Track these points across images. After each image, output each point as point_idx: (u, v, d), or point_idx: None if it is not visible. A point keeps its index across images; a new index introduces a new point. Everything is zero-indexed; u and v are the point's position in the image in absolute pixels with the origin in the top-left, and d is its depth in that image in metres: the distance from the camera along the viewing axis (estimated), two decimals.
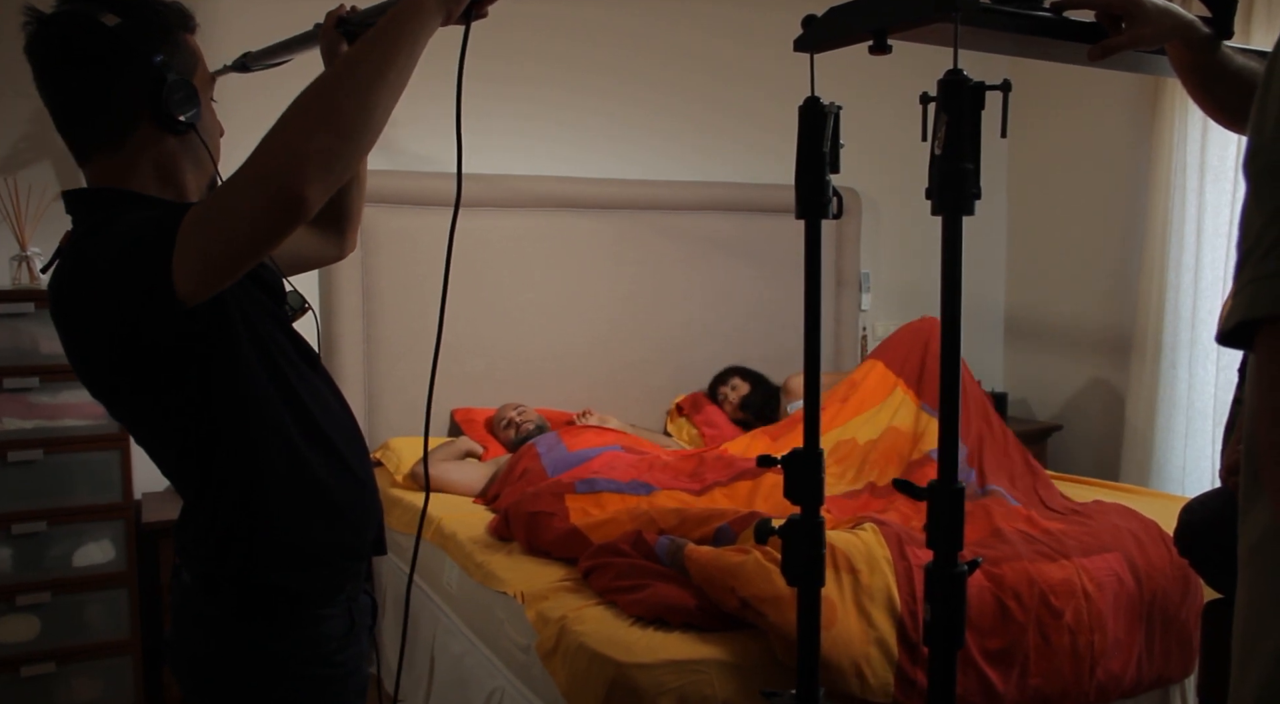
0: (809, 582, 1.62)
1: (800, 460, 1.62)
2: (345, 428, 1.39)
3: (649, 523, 2.45)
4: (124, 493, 2.91)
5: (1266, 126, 0.64)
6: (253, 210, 1.07)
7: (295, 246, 1.57)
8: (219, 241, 1.09)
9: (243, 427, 1.26)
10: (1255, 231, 0.65)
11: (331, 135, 1.07)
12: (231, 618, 1.31)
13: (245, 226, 1.08)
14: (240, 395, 1.25)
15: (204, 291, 1.13)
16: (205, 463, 1.27)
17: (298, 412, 1.31)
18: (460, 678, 2.55)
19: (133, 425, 1.32)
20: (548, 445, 3.11)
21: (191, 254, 1.10)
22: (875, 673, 1.98)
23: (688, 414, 3.83)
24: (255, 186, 1.07)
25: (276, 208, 1.06)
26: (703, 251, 3.95)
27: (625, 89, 3.87)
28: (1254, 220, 0.65)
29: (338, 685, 1.35)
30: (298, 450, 1.30)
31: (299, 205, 1.06)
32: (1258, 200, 0.65)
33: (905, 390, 3.44)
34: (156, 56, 1.23)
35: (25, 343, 2.80)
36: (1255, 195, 0.66)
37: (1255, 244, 0.65)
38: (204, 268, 1.11)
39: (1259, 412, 0.67)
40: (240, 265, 1.13)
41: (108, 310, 1.16)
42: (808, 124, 1.55)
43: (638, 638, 1.98)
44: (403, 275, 3.45)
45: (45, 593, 2.82)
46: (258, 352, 1.27)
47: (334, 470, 1.34)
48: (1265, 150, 0.65)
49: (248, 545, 1.29)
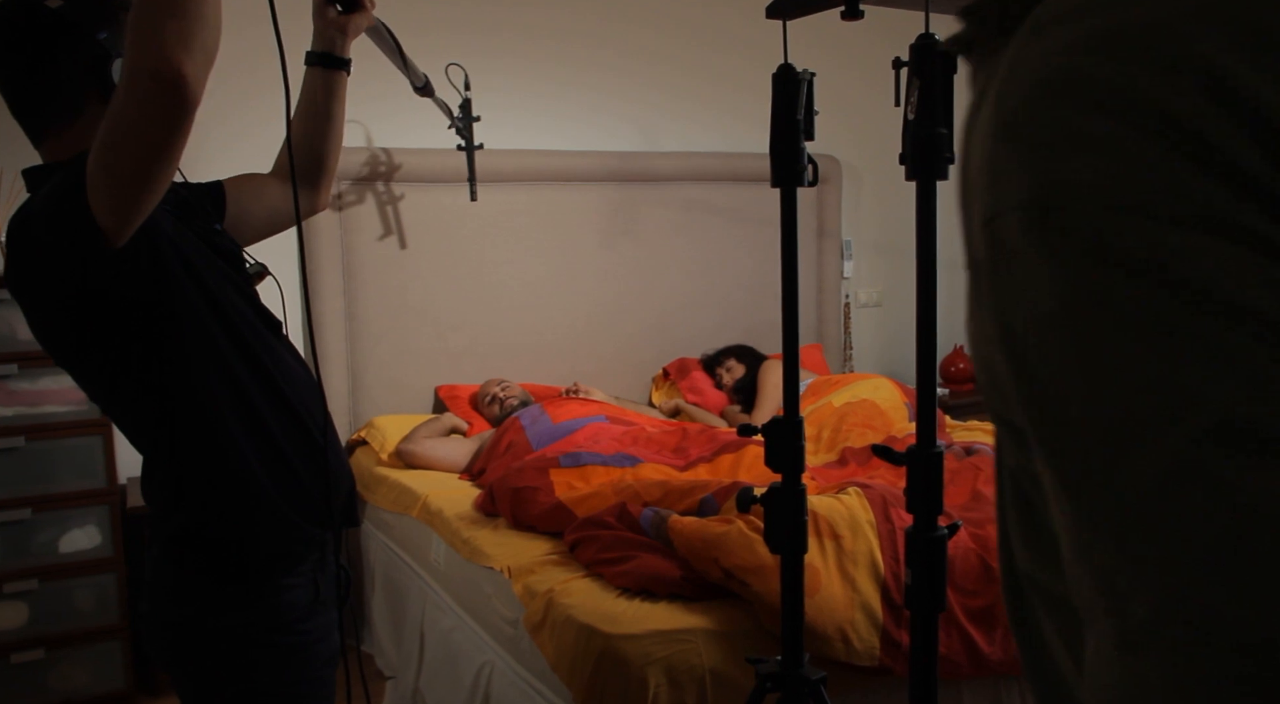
0: (792, 549, 1.63)
1: (780, 428, 1.63)
2: (307, 395, 1.42)
3: (633, 496, 2.46)
4: (108, 478, 2.90)
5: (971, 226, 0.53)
6: (140, 108, 1.10)
7: (269, 201, 1.59)
8: (122, 157, 1.12)
9: (200, 385, 1.30)
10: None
11: (177, 18, 1.09)
12: (195, 587, 1.35)
13: (139, 129, 1.11)
14: (194, 353, 1.29)
15: (123, 221, 1.16)
16: (164, 421, 1.31)
17: (257, 374, 1.35)
18: (450, 653, 2.56)
19: (98, 392, 1.36)
20: (532, 418, 3.11)
21: (100, 184, 1.14)
22: (860, 637, 2.00)
23: (674, 380, 3.83)
24: (133, 86, 1.10)
25: (159, 92, 1.09)
26: (687, 222, 3.93)
27: (606, 59, 3.84)
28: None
29: (304, 653, 1.38)
30: (257, 412, 1.34)
31: (179, 82, 1.08)
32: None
33: (894, 383, 3.52)
34: (101, 33, 1.26)
35: (3, 329, 2.78)
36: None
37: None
38: (114, 191, 1.14)
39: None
40: (149, 178, 1.14)
41: (51, 269, 1.21)
42: (781, 91, 1.55)
43: (624, 609, 1.99)
44: (382, 253, 3.43)
45: (33, 580, 2.82)
46: (215, 313, 1.31)
47: (294, 434, 1.38)
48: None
49: (204, 503, 1.33)
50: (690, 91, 4.00)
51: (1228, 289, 0.41)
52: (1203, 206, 0.42)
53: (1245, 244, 0.41)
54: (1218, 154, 0.41)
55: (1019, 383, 0.48)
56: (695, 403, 3.67)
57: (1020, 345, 0.47)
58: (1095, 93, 0.44)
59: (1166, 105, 0.42)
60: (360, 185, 3.38)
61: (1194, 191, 0.42)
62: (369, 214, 3.41)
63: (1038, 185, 0.45)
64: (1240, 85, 0.42)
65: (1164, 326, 0.42)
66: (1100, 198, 0.43)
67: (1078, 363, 0.45)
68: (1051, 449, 0.47)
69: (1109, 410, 0.44)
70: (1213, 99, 0.42)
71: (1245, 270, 0.41)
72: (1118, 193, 0.43)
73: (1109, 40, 0.44)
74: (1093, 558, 0.45)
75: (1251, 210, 0.41)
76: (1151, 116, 0.42)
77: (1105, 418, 0.44)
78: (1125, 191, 0.43)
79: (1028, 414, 0.47)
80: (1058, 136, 0.44)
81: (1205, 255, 0.41)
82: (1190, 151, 0.42)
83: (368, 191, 3.41)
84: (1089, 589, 0.45)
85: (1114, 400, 0.44)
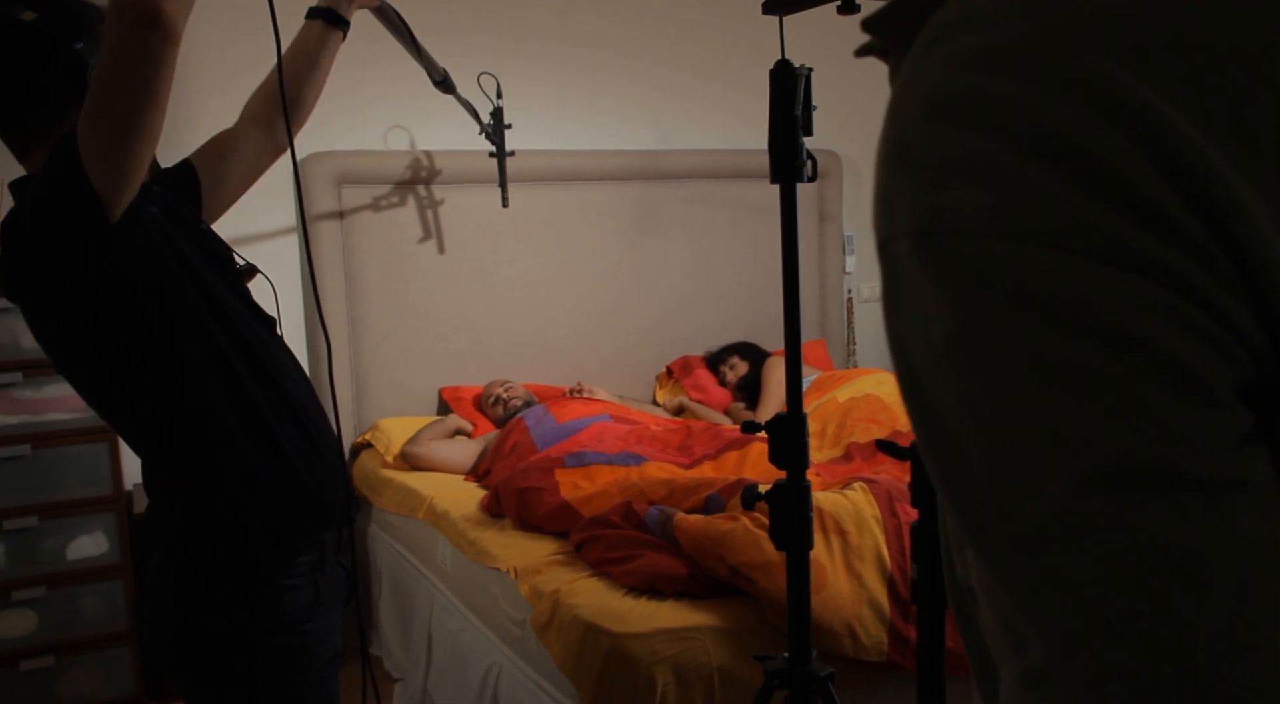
0: (797, 546, 1.63)
1: (784, 425, 1.62)
2: (304, 394, 1.44)
3: (639, 494, 2.45)
4: (114, 485, 2.91)
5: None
6: (122, 45, 1.13)
7: (242, 153, 1.58)
8: (111, 102, 1.15)
9: (198, 381, 1.31)
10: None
11: None
12: (194, 588, 1.36)
13: (124, 68, 1.13)
14: (192, 349, 1.31)
15: (119, 178, 1.18)
16: (163, 419, 1.33)
17: (255, 371, 1.36)
18: (458, 655, 2.56)
19: (96, 393, 1.37)
20: (536, 418, 3.11)
21: (93, 141, 1.16)
22: (868, 632, 2.00)
23: (677, 377, 3.83)
24: (115, 26, 1.13)
25: (139, 27, 1.11)
26: (688, 220, 3.93)
27: (604, 58, 3.84)
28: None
29: (305, 654, 1.39)
30: (257, 410, 1.36)
31: (157, 16, 1.11)
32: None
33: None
34: (77, 43, 1.28)
35: (6, 338, 2.79)
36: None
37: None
38: (107, 143, 1.16)
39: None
40: (139, 122, 1.16)
41: (48, 255, 1.23)
42: (779, 87, 1.55)
43: (631, 608, 1.99)
44: (383, 255, 3.44)
45: (40, 587, 2.82)
46: (211, 309, 1.33)
47: (292, 433, 1.39)
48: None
49: (202, 501, 1.35)
50: (694, 89, 3.99)
51: (1117, 321, 0.39)
52: (1094, 233, 0.39)
53: (1139, 273, 0.39)
54: (1112, 178, 0.39)
55: (913, 417, 0.46)
56: (699, 401, 3.67)
57: (912, 376, 0.45)
58: (983, 114, 0.41)
59: (1058, 127, 0.40)
60: (363, 188, 3.38)
61: (1084, 218, 0.39)
62: (371, 217, 3.42)
63: (925, 211, 0.42)
64: (1135, 103, 0.39)
65: (1046, 361, 0.40)
66: (987, 225, 0.41)
67: (963, 399, 0.43)
68: (946, 490, 0.45)
69: (996, 452, 0.42)
70: (1107, 119, 0.39)
71: (1138, 301, 0.39)
72: (1005, 220, 0.40)
73: (999, 58, 0.42)
74: (995, 599, 0.44)
75: (1148, 236, 0.39)
76: (1041, 139, 0.40)
77: (993, 460, 0.42)
78: (1013, 219, 0.40)
79: (924, 451, 0.45)
80: (945, 160, 0.42)
81: (1094, 285, 0.39)
82: (1082, 176, 0.39)
83: (370, 194, 3.41)
84: (996, 626, 0.45)
85: (1001, 441, 0.42)
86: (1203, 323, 0.39)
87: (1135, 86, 0.39)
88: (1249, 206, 0.39)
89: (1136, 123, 0.39)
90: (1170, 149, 0.39)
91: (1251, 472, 0.40)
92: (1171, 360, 0.39)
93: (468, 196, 3.52)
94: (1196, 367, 0.39)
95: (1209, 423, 0.39)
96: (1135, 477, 0.39)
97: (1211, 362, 0.39)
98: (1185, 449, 0.39)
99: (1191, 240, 0.39)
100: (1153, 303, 0.39)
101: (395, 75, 3.24)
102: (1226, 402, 0.39)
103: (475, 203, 3.53)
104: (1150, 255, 0.39)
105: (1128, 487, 0.39)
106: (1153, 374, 0.39)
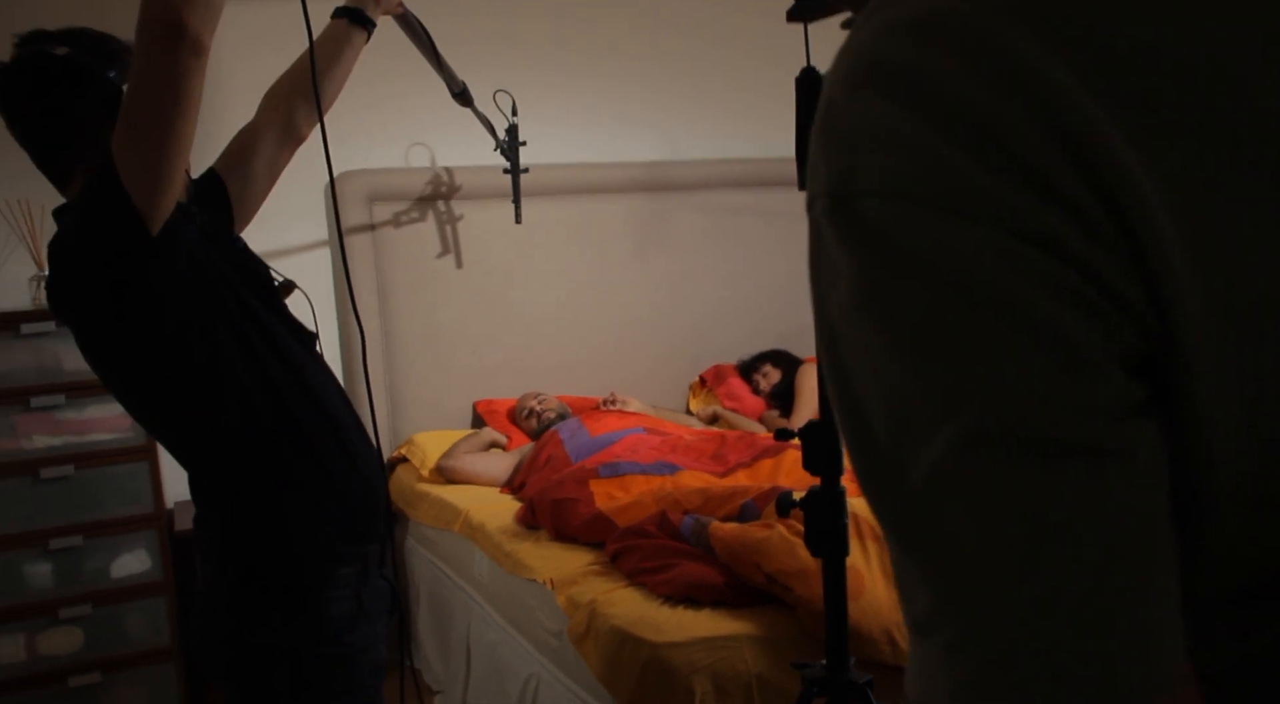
0: (833, 552, 1.62)
1: (817, 431, 1.62)
2: (343, 409, 1.47)
3: (673, 503, 2.45)
4: (155, 503, 2.95)
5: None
6: (150, 58, 1.16)
7: (264, 151, 1.59)
8: (143, 113, 1.18)
9: (242, 394, 1.34)
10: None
11: None
12: (240, 599, 1.38)
13: (153, 79, 1.17)
14: (236, 362, 1.33)
15: (156, 189, 1.20)
16: (205, 428, 1.35)
17: (298, 386, 1.39)
18: (496, 667, 2.57)
19: (143, 409, 1.40)
20: (570, 431, 3.12)
21: (128, 155, 1.20)
22: (907, 639, 1.98)
23: (711, 386, 3.82)
24: (141, 39, 1.17)
25: (165, 38, 1.15)
26: (717, 229, 3.93)
27: (621, 69, 3.85)
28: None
29: (348, 665, 1.41)
30: (298, 424, 1.38)
31: (182, 28, 1.14)
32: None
33: None
34: (110, 72, 1.32)
35: (49, 361, 2.84)
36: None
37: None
38: (142, 155, 1.19)
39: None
40: (171, 131, 1.19)
41: (93, 270, 1.26)
42: (805, 94, 1.55)
43: (668, 617, 1.99)
44: (414, 270, 3.47)
45: (86, 605, 2.86)
46: (253, 324, 1.36)
47: (332, 448, 1.42)
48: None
49: (246, 514, 1.37)
50: (714, 98, 3.99)
51: (1002, 287, 0.40)
52: (986, 201, 0.40)
53: (1028, 241, 0.39)
54: (1008, 148, 0.40)
55: (827, 373, 0.47)
56: (733, 409, 3.66)
57: (827, 334, 0.46)
58: (894, 82, 0.43)
59: (961, 95, 0.41)
60: (393, 204, 3.42)
61: (977, 185, 0.40)
62: (401, 233, 3.45)
63: (836, 173, 0.44)
64: (1039, 77, 0.40)
65: (935, 323, 0.41)
66: (887, 188, 0.42)
67: (865, 358, 0.44)
68: (849, 444, 0.46)
69: (888, 411, 0.43)
70: (1011, 90, 0.40)
71: (1025, 269, 0.40)
72: (903, 184, 0.41)
73: (915, 28, 0.43)
74: (890, 550, 0.46)
75: (1040, 206, 0.39)
76: (945, 106, 0.41)
77: (885, 418, 0.43)
78: (910, 183, 0.41)
79: (834, 408, 0.46)
80: (858, 125, 0.44)
81: (982, 250, 0.40)
82: (979, 144, 0.40)
83: (401, 211, 3.44)
84: (896, 572, 0.47)
85: (893, 401, 0.43)
86: (1088, 294, 0.39)
87: (1042, 61, 0.40)
88: (1144, 186, 0.39)
89: (1038, 96, 0.40)
90: (1070, 124, 0.39)
91: (1133, 442, 0.40)
92: (1052, 328, 0.39)
93: (496, 210, 3.54)
94: (1078, 336, 0.39)
95: (1088, 391, 0.40)
96: (1010, 439, 0.40)
97: (1094, 332, 0.40)
98: (1061, 415, 0.39)
99: (1084, 214, 0.39)
100: (1039, 272, 0.39)
101: (413, 92, 3.28)
102: (1108, 371, 0.40)
103: (503, 216, 3.56)
104: (1040, 225, 0.39)
105: (1003, 448, 0.40)
106: (1032, 340, 0.40)
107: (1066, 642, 0.39)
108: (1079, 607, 0.39)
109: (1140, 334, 0.40)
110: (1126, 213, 0.39)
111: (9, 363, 2.80)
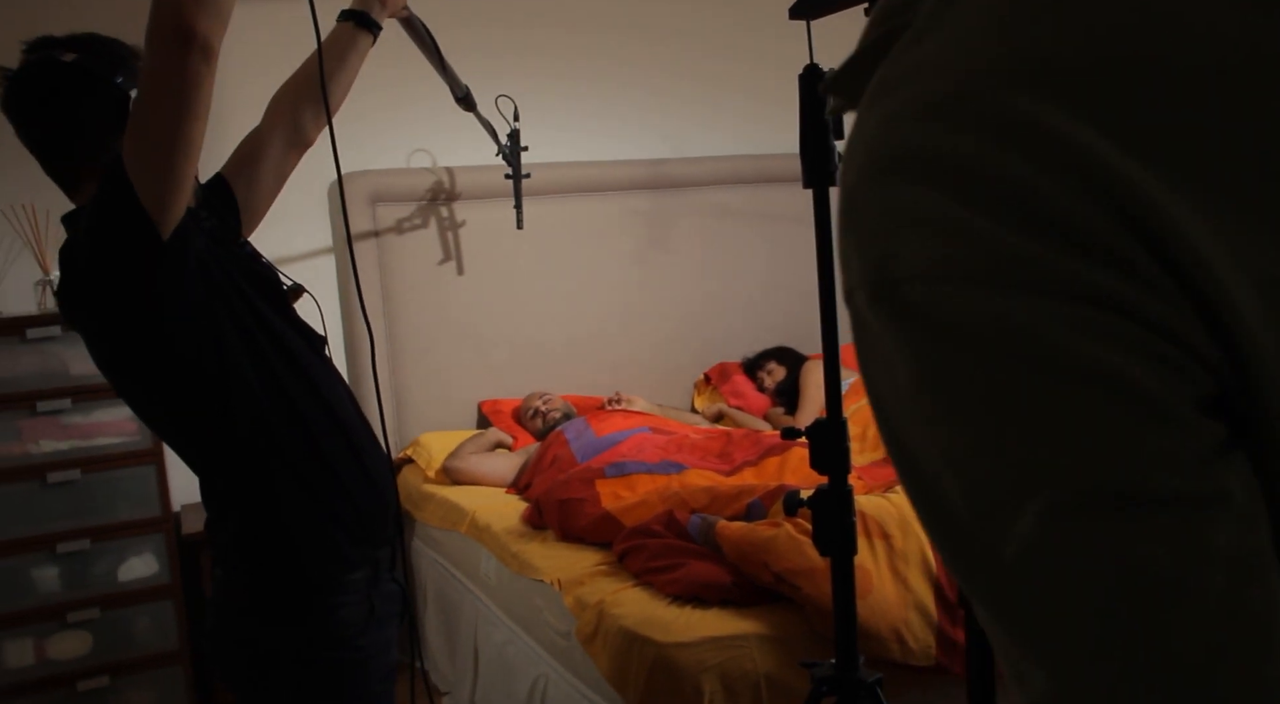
0: (841, 551, 1.62)
1: (824, 430, 1.62)
2: (353, 412, 1.47)
3: (680, 503, 2.45)
4: (163, 506, 2.95)
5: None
6: (159, 63, 1.17)
7: (270, 155, 1.60)
8: (153, 118, 1.19)
9: (253, 398, 1.34)
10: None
11: None
12: (253, 602, 1.39)
13: (162, 84, 1.17)
14: (246, 366, 1.34)
15: (166, 194, 1.21)
16: (215, 431, 1.36)
17: (308, 390, 1.39)
18: (504, 667, 2.57)
19: (154, 411, 1.40)
20: (576, 431, 3.11)
21: (138, 161, 1.20)
22: (916, 637, 1.98)
23: (715, 384, 3.82)
24: (151, 44, 1.18)
25: (174, 43, 1.15)
26: (719, 227, 3.93)
27: (619, 70, 3.85)
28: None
29: (360, 669, 1.42)
30: (308, 427, 1.39)
31: (191, 33, 1.15)
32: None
33: None
34: (117, 78, 1.32)
35: (55, 365, 2.84)
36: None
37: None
38: (151, 160, 1.20)
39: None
40: (180, 136, 1.19)
41: (104, 274, 1.27)
42: (808, 92, 1.55)
43: (676, 617, 1.99)
44: (417, 272, 3.47)
45: (94, 609, 2.87)
46: (262, 328, 1.36)
47: (342, 451, 1.42)
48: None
49: (257, 517, 1.37)
50: (713, 97, 3.99)
51: (1065, 350, 0.39)
52: (1032, 268, 0.40)
53: (1082, 301, 0.39)
54: (1046, 212, 0.39)
55: (894, 461, 0.47)
56: (738, 407, 3.66)
57: (887, 421, 0.46)
58: (916, 165, 0.42)
59: (988, 168, 0.40)
60: (397, 206, 3.42)
61: (1021, 254, 0.40)
62: (405, 235, 3.45)
63: (873, 263, 0.44)
64: (1062, 138, 0.40)
65: (1004, 397, 0.40)
66: (929, 270, 0.41)
67: (934, 442, 0.43)
68: (931, 531, 0.46)
69: (970, 491, 0.42)
70: (1047, 161, 0.40)
71: (1084, 328, 0.39)
72: (946, 264, 0.41)
73: (927, 110, 0.43)
74: (993, 633, 0.45)
75: (1087, 265, 0.39)
76: (973, 182, 0.41)
77: (968, 500, 0.42)
78: (953, 262, 0.41)
79: (907, 493, 0.46)
80: (886, 213, 0.43)
81: (1040, 318, 0.40)
82: (1016, 213, 0.40)
83: (405, 212, 3.44)
84: (1001, 654, 0.45)
85: (972, 480, 0.42)
86: (1155, 344, 0.39)
87: (1069, 127, 0.40)
88: (1186, 227, 0.39)
89: (1075, 162, 0.39)
90: (1103, 178, 0.39)
91: (1226, 481, 0.39)
92: (1124, 382, 0.39)
93: (498, 211, 3.54)
94: (1151, 386, 0.39)
95: (1172, 439, 0.39)
96: (1101, 501, 0.39)
97: (1167, 381, 0.39)
98: (1151, 467, 0.39)
99: (1138, 269, 0.39)
100: (1102, 330, 0.39)
101: (415, 97, 3.28)
102: (1188, 417, 0.39)
103: (505, 216, 3.56)
104: (1096, 286, 0.39)
105: (1095, 511, 0.39)
106: (1106, 398, 0.39)
107: (1200, 700, 0.39)
108: (1208, 662, 0.39)
109: (1211, 376, 0.40)
110: (1174, 257, 0.39)
111: (15, 367, 2.80)
